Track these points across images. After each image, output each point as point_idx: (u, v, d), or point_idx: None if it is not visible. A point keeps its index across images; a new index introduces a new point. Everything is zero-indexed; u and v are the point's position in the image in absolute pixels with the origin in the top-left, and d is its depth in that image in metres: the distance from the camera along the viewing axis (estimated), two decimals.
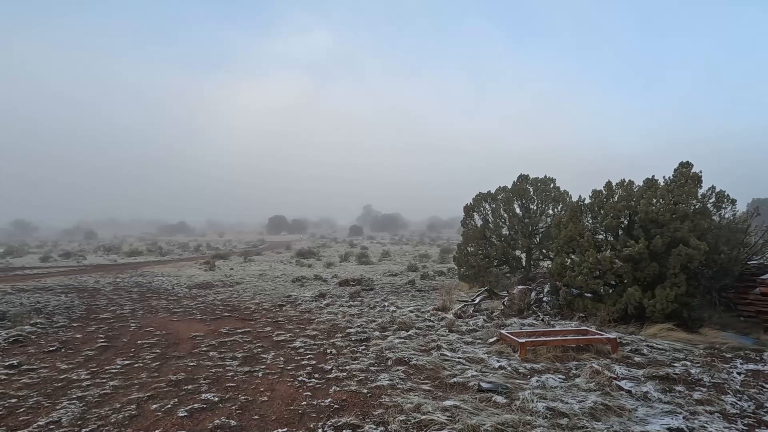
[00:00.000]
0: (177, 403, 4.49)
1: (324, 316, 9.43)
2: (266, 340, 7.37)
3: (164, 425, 3.97)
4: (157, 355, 6.40)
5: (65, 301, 11.65)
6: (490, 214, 14.41)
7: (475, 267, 13.41)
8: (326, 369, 5.67)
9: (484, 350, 6.52)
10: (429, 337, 7.36)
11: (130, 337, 7.59)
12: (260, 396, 4.73)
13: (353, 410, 4.31)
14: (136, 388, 4.98)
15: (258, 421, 4.10)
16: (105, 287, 14.66)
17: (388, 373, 5.47)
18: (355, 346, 6.89)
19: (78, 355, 6.40)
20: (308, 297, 12.03)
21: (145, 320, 9.15)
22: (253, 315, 9.70)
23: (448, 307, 9.91)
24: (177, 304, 11.32)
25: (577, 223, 9.02)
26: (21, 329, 7.89)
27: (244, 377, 5.38)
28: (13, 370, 5.66)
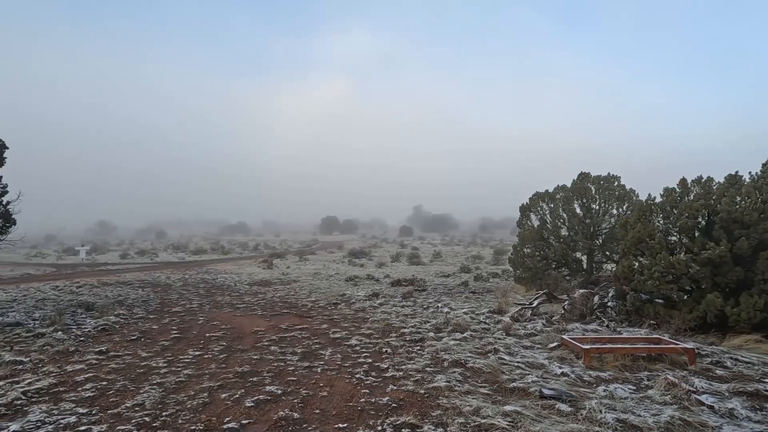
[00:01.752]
0: (244, 394, 4.74)
1: (378, 315, 9.53)
2: (323, 337, 7.58)
3: (233, 413, 4.21)
4: (224, 348, 6.79)
5: (142, 294, 12.71)
6: (547, 215, 13.85)
7: (532, 269, 12.95)
8: (383, 368, 5.73)
9: (545, 355, 6.27)
10: (485, 339, 7.21)
11: (199, 330, 8.12)
12: (320, 391, 4.87)
13: (411, 410, 4.32)
14: (207, 377, 5.33)
15: (319, 415, 4.23)
16: (175, 283, 15.80)
17: (445, 374, 5.42)
18: (410, 346, 6.90)
19: (155, 345, 6.95)
20: (362, 296, 12.22)
21: (212, 314, 9.75)
22: (309, 312, 10.02)
23: (504, 309, 9.65)
24: (239, 300, 11.95)
25: (646, 223, 8.42)
26: (107, 319, 8.72)
27: (304, 372, 5.57)
28: (102, 355, 6.27)
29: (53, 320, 8.41)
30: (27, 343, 6.86)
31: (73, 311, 9.68)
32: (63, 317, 8.73)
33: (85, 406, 4.35)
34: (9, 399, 4.45)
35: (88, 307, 10.09)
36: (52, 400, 4.53)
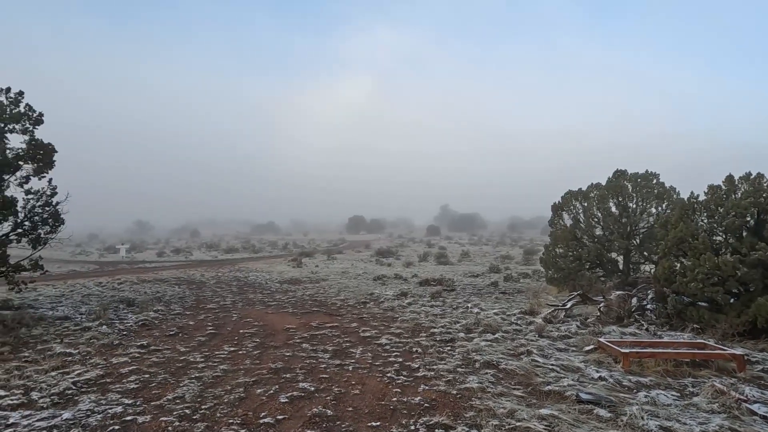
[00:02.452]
0: (278, 390, 4.84)
1: (407, 314, 9.52)
2: (353, 335, 7.63)
3: (269, 409, 4.31)
4: (257, 344, 6.95)
5: (179, 291, 13.18)
6: (581, 214, 13.45)
7: (564, 269, 12.60)
8: (413, 367, 5.71)
9: (580, 358, 6.09)
10: (517, 341, 7.08)
11: (233, 327, 8.35)
12: (352, 389, 4.91)
13: (444, 410, 4.29)
14: (242, 372, 5.47)
15: (352, 413, 4.26)
16: (209, 280, 16.30)
17: (477, 375, 5.36)
18: (440, 346, 6.86)
19: (192, 340, 7.20)
20: (390, 295, 12.23)
21: (245, 311, 10.00)
22: (339, 311, 10.12)
23: (536, 311, 9.44)
24: (271, 297, 12.20)
25: (688, 222, 8.04)
26: (147, 315, 9.09)
27: (336, 370, 5.63)
28: (144, 349, 6.54)
29: (98, 315, 8.84)
30: (75, 336, 7.24)
31: (116, 306, 10.15)
32: (107, 312, 9.17)
33: (130, 397, 4.55)
34: (61, 388, 4.71)
35: (129, 303, 10.56)
36: (99, 390, 4.76)
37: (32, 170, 9.42)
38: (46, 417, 4.01)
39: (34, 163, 9.41)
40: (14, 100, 9.07)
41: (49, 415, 4.04)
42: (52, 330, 7.63)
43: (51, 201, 9.69)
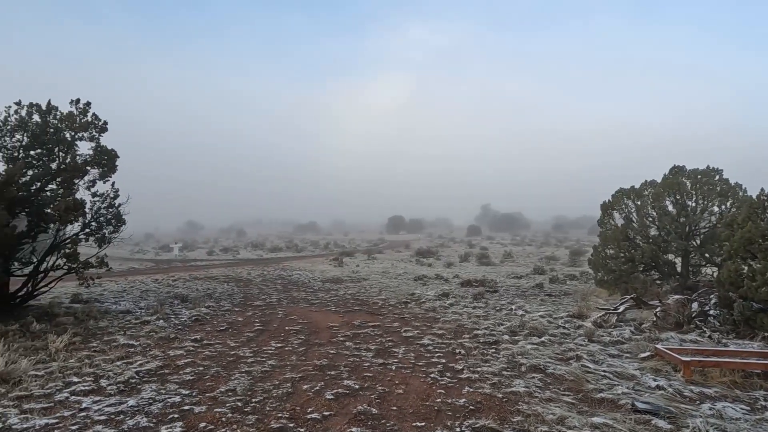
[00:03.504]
0: (324, 386, 4.95)
1: (449, 315, 9.43)
2: (395, 335, 7.65)
3: (315, 405, 4.41)
4: (302, 341, 7.14)
5: (227, 289, 13.78)
6: (633, 213, 12.76)
7: (615, 271, 12.00)
8: (457, 369, 5.65)
9: (635, 365, 5.78)
10: (565, 345, 6.82)
11: (279, 324, 8.61)
12: (396, 388, 4.93)
13: (490, 413, 4.21)
14: (289, 368, 5.63)
15: (396, 412, 4.28)
16: (255, 279, 16.91)
17: (523, 379, 5.22)
18: (484, 348, 6.74)
19: (241, 336, 7.50)
20: (431, 296, 12.16)
21: (289, 309, 10.29)
22: (380, 310, 10.18)
23: (585, 314, 9.05)
24: (314, 296, 12.48)
25: (758, 222, 7.42)
26: (199, 310, 9.57)
27: (379, 369, 5.67)
28: (197, 343, 6.89)
29: (156, 310, 9.42)
30: (136, 329, 7.75)
31: (171, 302, 10.77)
32: (163, 307, 9.75)
33: (186, 388, 4.82)
34: (126, 377, 5.07)
35: (183, 299, 11.17)
36: (159, 380, 5.08)
37: (98, 174, 10.20)
38: (113, 403, 4.33)
39: (100, 168, 10.17)
40: (83, 111, 9.85)
41: (116, 402, 4.36)
42: (116, 323, 8.21)
43: (114, 203, 10.44)
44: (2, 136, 9.34)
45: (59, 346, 6.19)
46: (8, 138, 9.41)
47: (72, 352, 6.13)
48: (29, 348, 6.17)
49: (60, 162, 9.61)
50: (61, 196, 9.12)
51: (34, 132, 9.41)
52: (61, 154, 9.67)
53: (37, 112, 9.58)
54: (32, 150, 9.46)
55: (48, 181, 9.51)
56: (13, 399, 4.38)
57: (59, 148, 9.64)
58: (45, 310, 8.94)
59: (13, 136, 9.43)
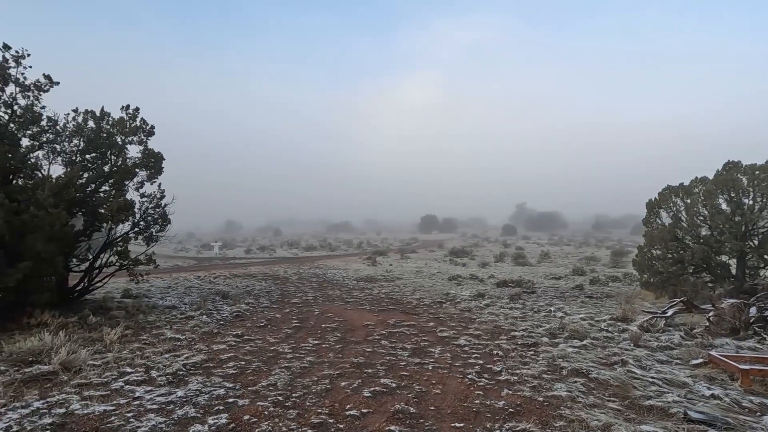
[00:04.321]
0: (361, 384, 5.00)
1: (485, 316, 9.28)
2: (431, 335, 7.62)
3: (353, 402, 4.46)
4: (339, 339, 7.23)
5: (265, 286, 14.16)
6: (682, 211, 12.07)
7: (662, 273, 11.41)
8: (495, 370, 5.56)
9: (686, 372, 5.48)
10: (609, 349, 6.56)
11: (316, 321, 8.77)
12: (433, 388, 4.91)
13: (530, 417, 4.11)
14: (327, 365, 5.73)
15: (434, 412, 4.26)
16: (292, 277, 17.29)
17: (565, 383, 5.06)
18: (522, 350, 6.59)
19: (280, 332, 7.69)
20: (466, 296, 12.01)
21: (325, 307, 10.45)
22: (415, 310, 10.16)
23: (630, 317, 8.67)
24: (348, 294, 12.62)
25: None
26: (239, 307, 9.90)
27: (416, 368, 5.66)
28: (239, 338, 7.13)
29: (199, 305, 9.82)
30: (181, 324, 8.11)
31: (213, 298, 11.19)
32: (206, 303, 10.15)
33: (230, 381, 5.00)
34: (173, 369, 5.31)
35: (224, 296, 11.58)
36: (204, 373, 5.29)
37: (146, 176, 10.75)
38: (163, 393, 4.55)
39: (147, 170, 10.72)
40: (132, 116, 10.40)
41: (166, 392, 4.59)
42: (162, 317, 8.62)
43: (160, 203, 10.97)
44: (62, 141, 10.01)
45: (113, 338, 6.58)
46: (67, 143, 10.06)
47: (125, 344, 6.49)
48: (87, 339, 6.59)
49: (112, 165, 10.19)
50: (113, 197, 9.68)
51: (89, 137, 10.03)
52: (112, 157, 10.25)
53: (91, 118, 10.20)
54: (87, 154, 10.08)
55: (101, 183, 10.11)
56: (74, 386, 4.69)
57: (111, 152, 10.22)
58: (99, 304, 9.51)
59: (71, 141, 10.08)
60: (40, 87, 8.70)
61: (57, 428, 3.73)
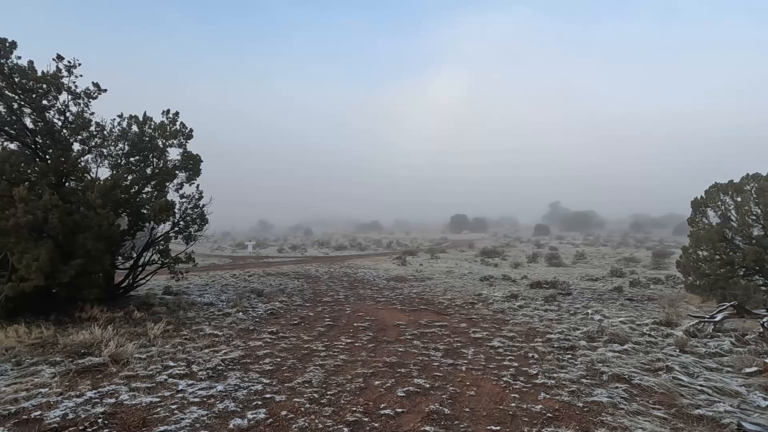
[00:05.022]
0: (394, 383, 5.00)
1: (519, 318, 9.09)
2: (463, 335, 7.53)
3: (387, 401, 4.47)
4: (371, 338, 7.27)
5: (298, 285, 14.42)
6: (732, 210, 11.40)
7: (710, 276, 10.81)
8: (531, 373, 5.43)
9: (739, 381, 5.16)
10: (652, 355, 6.27)
11: (347, 320, 8.85)
12: (467, 390, 4.85)
13: (570, 423, 3.99)
14: (360, 364, 5.77)
15: (469, 414, 4.21)
16: (323, 275, 17.53)
17: (605, 389, 4.88)
18: (559, 353, 6.41)
19: (313, 330, 7.81)
20: (499, 297, 11.80)
21: (357, 306, 10.53)
22: (446, 310, 10.07)
23: (675, 321, 8.26)
24: (379, 294, 12.66)
25: None
26: (273, 305, 10.13)
27: (449, 369, 5.61)
28: (274, 336, 7.30)
29: (235, 303, 10.12)
30: (219, 320, 8.38)
31: (248, 296, 11.50)
32: (242, 301, 10.44)
33: (267, 377, 5.12)
34: (213, 364, 5.50)
35: (259, 293, 11.88)
36: (242, 369, 5.45)
37: (185, 178, 11.17)
38: (204, 387, 4.72)
39: (186, 172, 11.14)
40: (172, 120, 10.83)
41: (206, 386, 4.75)
42: (201, 314, 8.94)
43: (198, 203, 11.38)
44: (108, 145, 10.56)
45: (156, 332, 6.88)
46: (113, 147, 10.61)
47: (167, 338, 6.77)
48: (132, 333, 6.92)
49: (154, 167, 10.65)
50: (155, 198, 10.11)
51: (133, 140, 10.52)
52: (154, 159, 10.71)
53: (135, 122, 10.70)
54: (131, 157, 10.58)
55: (144, 185, 10.58)
56: (123, 378, 4.94)
57: (153, 155, 10.69)
58: (143, 300, 9.97)
59: (117, 144, 10.62)
60: (89, 94, 9.21)
61: (108, 417, 3.94)
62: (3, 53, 8.00)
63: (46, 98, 8.66)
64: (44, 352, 5.87)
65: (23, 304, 7.62)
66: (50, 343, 6.27)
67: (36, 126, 8.70)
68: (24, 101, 8.43)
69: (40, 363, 5.37)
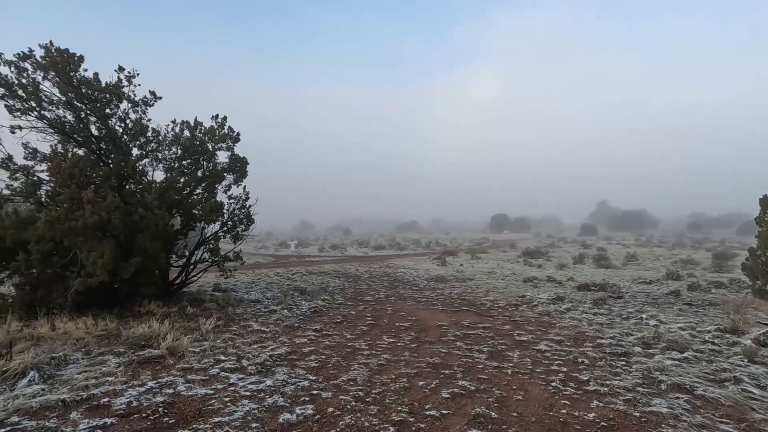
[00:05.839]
0: (438, 384, 4.96)
1: (566, 321, 8.75)
2: (508, 338, 7.35)
3: (432, 402, 4.44)
4: (413, 338, 7.25)
5: (339, 284, 14.64)
6: None
7: None
8: (582, 380, 5.21)
9: None
10: (717, 364, 5.83)
11: (389, 319, 8.87)
12: (514, 394, 4.73)
13: None
14: (403, 364, 5.77)
15: (517, 419, 4.10)
16: (363, 275, 17.69)
17: (665, 399, 4.60)
18: (611, 359, 6.10)
19: (356, 329, 7.90)
20: (544, 299, 11.42)
21: (397, 306, 10.54)
22: (489, 312, 9.87)
23: (741, 329, 7.65)
24: (420, 294, 12.61)
25: None
26: (316, 303, 10.34)
27: (494, 371, 5.49)
28: (318, 333, 7.44)
29: (280, 300, 10.42)
30: (265, 317, 8.66)
31: (292, 294, 11.81)
32: (286, 298, 10.74)
33: (313, 374, 5.23)
34: (261, 359, 5.69)
35: (302, 292, 12.17)
36: (289, 365, 5.60)
37: (233, 180, 11.63)
38: (254, 381, 4.89)
39: (234, 174, 11.59)
40: (221, 124, 11.31)
41: (256, 381, 4.92)
42: (248, 310, 9.27)
43: (245, 204, 11.81)
44: (162, 149, 11.19)
45: (208, 327, 7.21)
46: (167, 151, 11.23)
47: (218, 333, 7.08)
48: (186, 328, 7.29)
49: (204, 170, 11.17)
50: (205, 199, 10.61)
51: (185, 144, 11.08)
52: (204, 162, 11.23)
53: (186, 128, 11.27)
54: (183, 160, 11.15)
55: (195, 187, 11.13)
56: (179, 370, 5.22)
57: (203, 158, 11.21)
58: (194, 297, 10.48)
59: (170, 149, 11.23)
60: (146, 102, 9.79)
61: (167, 407, 4.17)
62: (72, 67, 8.66)
63: (109, 107, 9.31)
64: (109, 343, 6.30)
65: (90, 299, 8.23)
66: (114, 334, 6.73)
67: (100, 133, 9.37)
68: (90, 110, 9.10)
69: (106, 353, 5.77)
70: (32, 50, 8.48)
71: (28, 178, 8.54)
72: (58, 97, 8.71)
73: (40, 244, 7.71)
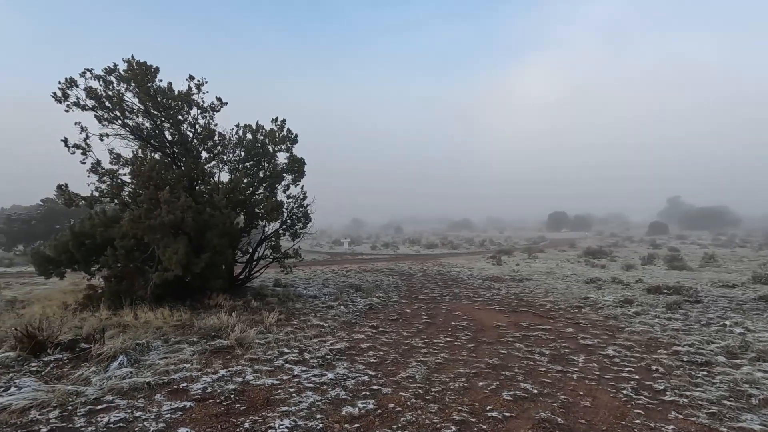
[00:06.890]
0: (499, 386, 4.85)
1: (635, 325, 8.20)
2: (571, 341, 7.02)
3: (494, 403, 4.35)
4: (470, 338, 7.14)
5: (393, 281, 14.74)
6: None
7: None
8: (657, 389, 4.86)
9: None
10: None
11: (444, 318, 8.80)
12: (581, 400, 4.51)
13: None
14: (461, 363, 5.70)
15: (585, 426, 3.91)
16: (416, 273, 17.67)
17: (757, 414, 4.17)
18: (690, 368, 5.63)
19: (411, 327, 7.92)
20: (610, 302, 10.76)
21: (452, 305, 10.42)
22: (549, 313, 9.48)
23: None
24: (475, 293, 12.38)
25: None
26: (371, 300, 10.49)
27: (558, 375, 5.27)
28: (374, 330, 7.55)
29: (336, 296, 10.69)
30: (323, 312, 8.92)
31: (347, 290, 12.06)
32: (342, 295, 10.99)
33: (372, 369, 5.32)
34: (322, 353, 5.88)
35: (357, 288, 12.39)
36: (348, 359, 5.73)
37: (291, 180, 12.09)
38: (316, 374, 5.07)
39: (292, 174, 12.05)
40: (280, 127, 11.80)
41: (318, 373, 5.10)
42: (307, 305, 9.60)
43: (303, 203, 12.23)
44: (227, 152, 11.88)
45: (271, 321, 7.57)
46: (231, 153, 11.91)
47: (280, 327, 7.41)
48: (251, 321, 7.70)
49: (265, 170, 11.72)
50: (266, 199, 11.12)
51: (247, 147, 11.69)
52: (265, 164, 11.78)
53: (249, 131, 11.88)
54: (246, 162, 11.77)
55: (257, 187, 11.71)
56: (247, 360, 5.53)
57: (264, 159, 11.76)
58: (257, 291, 11.04)
59: (234, 151, 11.90)
60: (213, 108, 10.44)
61: (238, 394, 4.44)
62: (149, 78, 9.44)
63: (181, 114, 10.03)
64: (184, 333, 6.81)
65: (166, 291, 8.93)
66: (188, 325, 7.26)
67: (173, 138, 10.13)
68: (164, 117, 9.87)
69: (182, 342, 6.25)
70: (116, 65, 9.34)
71: (113, 180, 9.43)
72: (137, 106, 9.53)
73: (124, 241, 8.49)
